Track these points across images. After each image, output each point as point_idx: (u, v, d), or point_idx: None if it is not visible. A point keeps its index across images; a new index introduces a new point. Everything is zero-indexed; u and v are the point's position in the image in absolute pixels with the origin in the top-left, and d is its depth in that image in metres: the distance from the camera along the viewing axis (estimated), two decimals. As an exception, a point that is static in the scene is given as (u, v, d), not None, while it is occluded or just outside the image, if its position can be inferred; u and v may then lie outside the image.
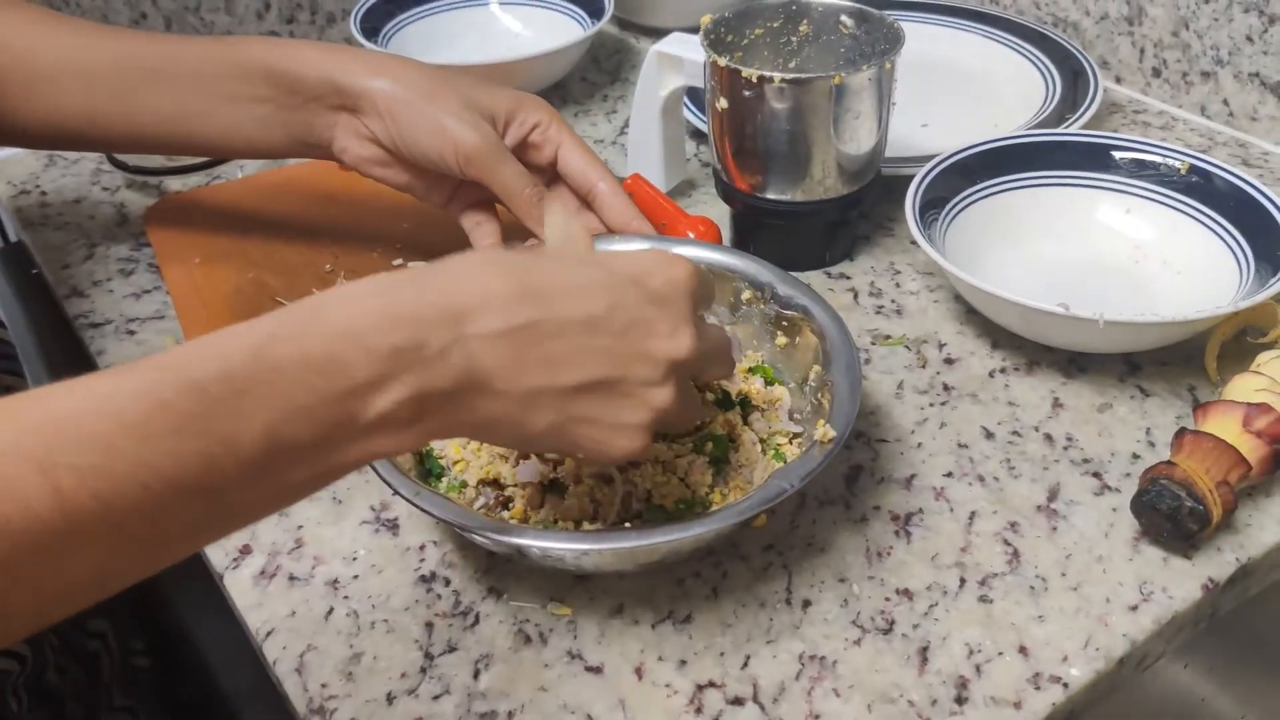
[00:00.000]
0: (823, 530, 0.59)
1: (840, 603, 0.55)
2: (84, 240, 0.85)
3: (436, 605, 0.56)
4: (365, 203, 0.85)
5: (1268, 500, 0.59)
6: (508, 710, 0.51)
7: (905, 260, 0.78)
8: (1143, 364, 0.68)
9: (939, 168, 0.74)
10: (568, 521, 0.55)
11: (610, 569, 0.55)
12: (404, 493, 0.52)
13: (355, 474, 0.63)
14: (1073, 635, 0.53)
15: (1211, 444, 0.56)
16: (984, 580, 0.56)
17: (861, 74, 0.69)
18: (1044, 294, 0.63)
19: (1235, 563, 0.56)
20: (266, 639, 0.55)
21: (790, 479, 0.52)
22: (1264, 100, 0.87)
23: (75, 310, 0.78)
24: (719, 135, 0.74)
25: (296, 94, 0.68)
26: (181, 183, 0.89)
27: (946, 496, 0.60)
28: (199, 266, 0.78)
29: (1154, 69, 0.94)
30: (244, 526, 0.43)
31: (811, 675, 0.52)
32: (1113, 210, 0.75)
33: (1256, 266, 0.66)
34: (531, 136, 0.68)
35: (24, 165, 0.94)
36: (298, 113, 0.69)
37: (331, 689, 0.52)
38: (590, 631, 0.54)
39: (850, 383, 0.57)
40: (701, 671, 0.52)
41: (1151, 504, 0.55)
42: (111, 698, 0.69)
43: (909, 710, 0.50)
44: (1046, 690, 0.51)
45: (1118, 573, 0.56)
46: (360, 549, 0.59)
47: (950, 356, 0.70)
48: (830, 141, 0.71)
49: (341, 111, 0.68)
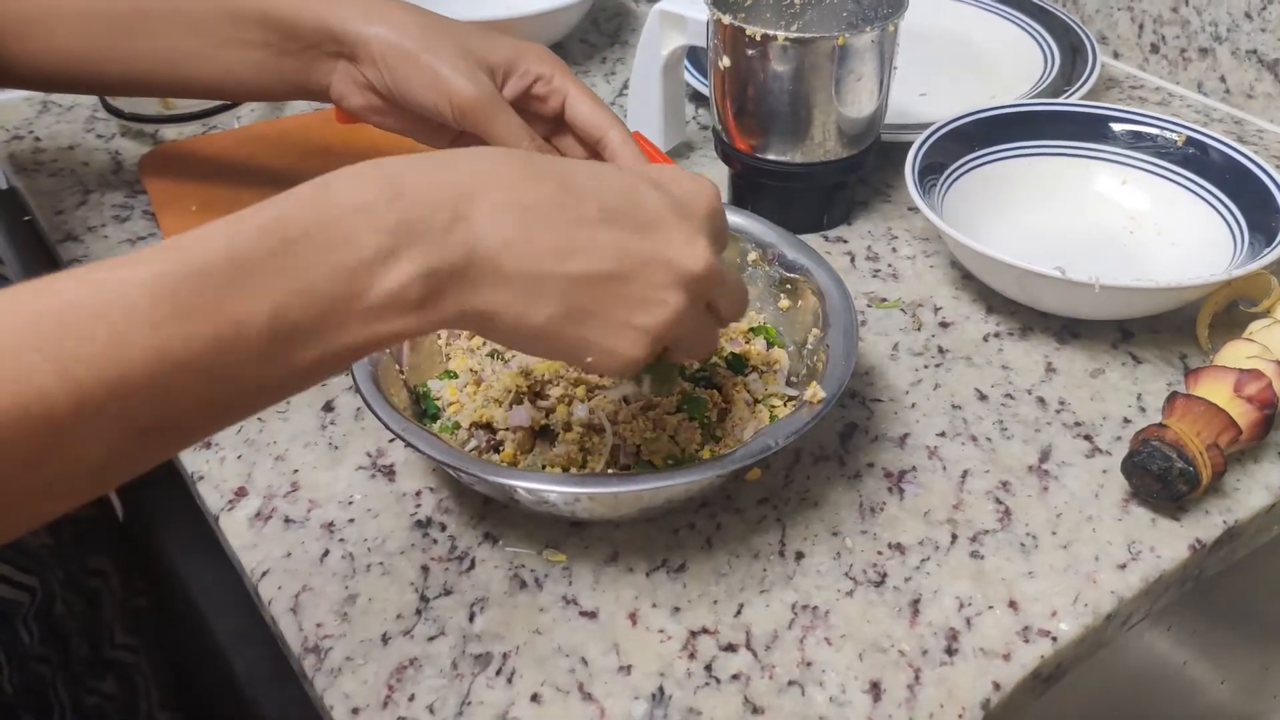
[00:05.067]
0: (817, 485, 0.59)
1: (833, 555, 0.55)
2: (78, 187, 0.84)
3: (432, 550, 0.56)
4: (363, 155, 0.83)
5: (1256, 465, 0.60)
6: (502, 652, 0.51)
7: (902, 226, 0.78)
8: (1135, 331, 0.68)
9: (938, 133, 0.74)
10: (555, 468, 0.56)
11: (597, 515, 0.56)
12: (394, 428, 0.53)
13: (351, 419, 0.63)
14: (1062, 591, 0.53)
15: (1203, 408, 0.57)
16: (975, 537, 0.56)
17: (865, 35, 0.69)
18: (1039, 261, 0.63)
19: (1222, 525, 0.57)
20: (261, 579, 0.55)
21: (776, 436, 0.53)
22: (1260, 78, 0.87)
23: (69, 256, 0.77)
24: (720, 95, 0.74)
25: (292, 40, 0.67)
26: (177, 131, 0.88)
27: (939, 455, 0.61)
28: (195, 214, 0.78)
29: (1152, 45, 0.94)
30: (256, 411, 0.43)
31: (804, 624, 0.52)
32: (1109, 180, 0.76)
33: (1250, 237, 0.67)
34: (535, 89, 0.67)
35: (17, 111, 0.93)
36: (294, 59, 0.68)
37: (326, 629, 0.53)
38: (585, 578, 0.55)
39: (846, 346, 0.58)
40: (695, 618, 0.53)
41: (1142, 465, 0.56)
42: (114, 634, 0.69)
43: (899, 660, 0.51)
44: (1035, 643, 0.51)
45: (1107, 532, 0.56)
46: (356, 493, 0.59)
47: (945, 320, 0.70)
48: (831, 103, 0.71)
49: (339, 59, 0.68)
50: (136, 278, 0.37)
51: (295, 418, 0.64)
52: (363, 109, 0.69)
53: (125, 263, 0.38)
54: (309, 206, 0.41)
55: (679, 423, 0.57)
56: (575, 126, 0.68)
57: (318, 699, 0.51)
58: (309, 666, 0.51)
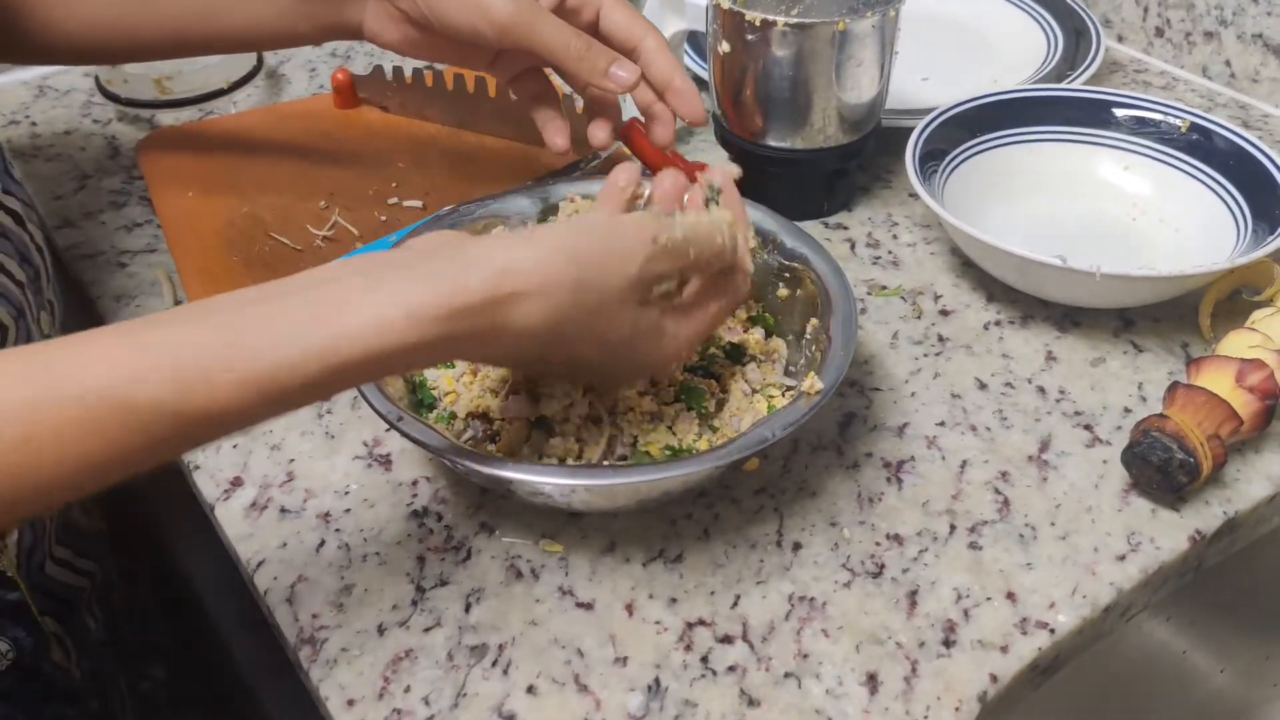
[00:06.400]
0: (815, 475, 0.59)
1: (831, 546, 0.55)
2: (75, 172, 0.84)
3: (428, 540, 0.56)
4: (361, 140, 0.85)
5: (1257, 456, 0.59)
6: (499, 643, 0.51)
7: (903, 213, 0.78)
8: (1137, 320, 0.68)
9: (940, 119, 0.74)
10: (552, 459, 0.55)
11: (594, 507, 0.56)
12: (390, 418, 0.52)
13: (348, 408, 0.63)
14: (1060, 583, 0.53)
15: (1204, 398, 0.56)
16: (974, 527, 0.56)
17: (866, 20, 0.68)
18: (1041, 249, 0.63)
19: (1223, 516, 0.56)
20: (257, 570, 0.55)
21: (774, 427, 0.52)
22: (1266, 62, 0.86)
23: (66, 242, 0.77)
24: (719, 80, 0.74)
25: None
26: (174, 116, 0.87)
27: (938, 445, 0.60)
28: (192, 200, 0.77)
29: (1157, 28, 0.94)
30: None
31: (801, 616, 0.52)
32: (1112, 167, 0.75)
33: (1254, 225, 0.66)
34: (568, 1, 0.66)
35: (14, 96, 0.93)
36: (324, 1, 0.68)
37: (322, 619, 0.52)
38: (581, 568, 0.54)
39: (845, 337, 0.57)
40: (691, 610, 0.52)
41: (1142, 455, 0.56)
42: (154, 621, 0.70)
43: (897, 652, 0.51)
44: (1033, 635, 0.51)
45: (1106, 523, 0.56)
46: (352, 483, 0.59)
47: (945, 308, 0.70)
48: (832, 89, 0.70)
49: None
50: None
51: (292, 406, 0.63)
52: (399, 43, 0.68)
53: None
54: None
55: (676, 413, 0.57)
56: (610, 37, 0.66)
57: (313, 690, 0.50)
58: (304, 658, 0.51)
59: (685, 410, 0.57)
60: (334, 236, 0.74)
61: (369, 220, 0.75)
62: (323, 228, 0.74)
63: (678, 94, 0.66)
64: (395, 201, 0.77)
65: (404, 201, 0.77)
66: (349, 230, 0.74)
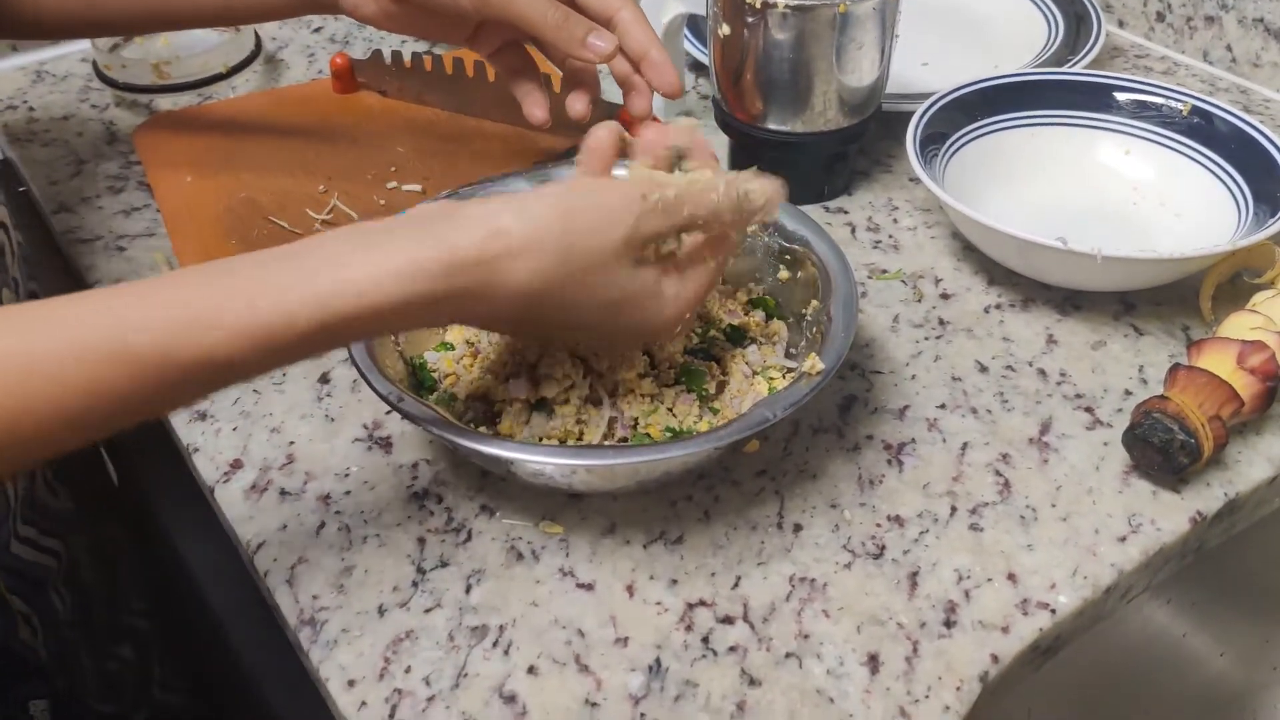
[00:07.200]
0: (815, 457, 0.59)
1: (831, 528, 0.55)
2: (72, 157, 0.83)
3: (429, 522, 0.56)
4: (359, 125, 0.84)
5: (1258, 437, 0.59)
6: (499, 624, 0.51)
7: (903, 197, 0.78)
8: (1137, 303, 0.68)
9: (940, 103, 0.74)
10: (552, 441, 0.55)
11: (594, 488, 0.55)
12: (390, 400, 0.52)
13: (348, 391, 0.63)
14: (1061, 564, 0.53)
15: (1205, 379, 0.56)
16: (975, 509, 0.56)
17: (866, 3, 0.68)
18: (1042, 232, 0.63)
19: (1223, 497, 0.56)
20: (257, 551, 0.55)
21: (774, 408, 0.52)
22: (1267, 46, 0.86)
23: (63, 226, 0.77)
24: (719, 63, 0.74)
25: None
26: (172, 101, 0.87)
27: (939, 427, 0.60)
28: (190, 184, 0.77)
29: (1158, 13, 0.93)
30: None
31: (801, 596, 0.52)
32: (1113, 150, 0.75)
33: (1255, 208, 0.66)
34: None
35: (11, 81, 0.93)
36: None
37: (322, 600, 0.52)
38: (582, 550, 0.54)
39: (846, 318, 0.57)
40: (692, 591, 0.52)
41: (1144, 437, 0.55)
42: (130, 601, 0.69)
43: (898, 632, 0.50)
44: (1034, 616, 0.51)
45: (1107, 505, 0.56)
46: (352, 465, 0.59)
47: (946, 292, 0.69)
48: (832, 72, 0.70)
49: None
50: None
51: (291, 389, 0.63)
52: (376, 15, 0.68)
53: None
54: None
55: (677, 395, 0.57)
56: (586, 7, 0.65)
57: (314, 671, 0.50)
58: (305, 639, 0.51)
59: (685, 392, 0.57)
60: (333, 220, 0.74)
61: (368, 204, 0.75)
62: (321, 211, 0.74)
63: (653, 65, 0.65)
64: (394, 185, 0.77)
65: (403, 185, 0.77)
66: (348, 214, 0.74)
